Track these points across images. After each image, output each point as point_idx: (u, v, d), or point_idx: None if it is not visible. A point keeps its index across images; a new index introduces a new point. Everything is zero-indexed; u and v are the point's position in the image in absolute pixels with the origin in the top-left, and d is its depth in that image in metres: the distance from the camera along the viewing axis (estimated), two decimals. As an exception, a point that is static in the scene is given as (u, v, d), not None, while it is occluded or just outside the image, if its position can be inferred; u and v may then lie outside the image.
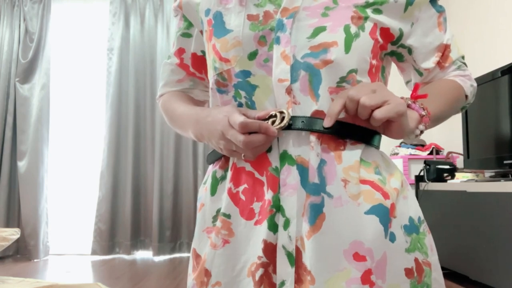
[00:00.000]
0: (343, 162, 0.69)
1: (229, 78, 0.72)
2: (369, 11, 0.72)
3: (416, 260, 0.69)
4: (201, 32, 0.83)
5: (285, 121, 0.66)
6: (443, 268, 3.02)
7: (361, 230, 0.66)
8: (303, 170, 0.68)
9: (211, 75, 0.76)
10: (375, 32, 0.73)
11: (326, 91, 0.69)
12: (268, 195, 0.69)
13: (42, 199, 4.22)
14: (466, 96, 0.82)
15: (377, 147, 0.74)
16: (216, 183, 0.76)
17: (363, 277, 0.65)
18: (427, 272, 0.70)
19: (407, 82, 0.87)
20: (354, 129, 0.70)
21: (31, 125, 4.25)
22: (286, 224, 0.67)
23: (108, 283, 3.02)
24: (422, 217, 0.73)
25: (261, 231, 0.68)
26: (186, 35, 0.86)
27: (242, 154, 0.68)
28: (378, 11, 0.73)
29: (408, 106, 0.70)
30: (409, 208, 0.72)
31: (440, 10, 0.79)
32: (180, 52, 0.88)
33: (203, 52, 0.85)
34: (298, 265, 0.67)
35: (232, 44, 0.71)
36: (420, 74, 0.82)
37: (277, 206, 0.68)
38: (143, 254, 4.25)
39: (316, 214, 0.67)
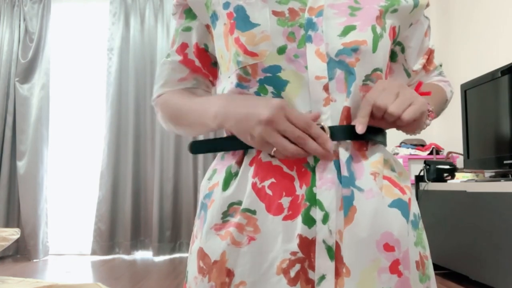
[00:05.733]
0: (369, 159, 0.71)
1: (254, 73, 0.71)
2: (389, 12, 0.75)
3: (419, 253, 0.72)
4: (207, 26, 0.80)
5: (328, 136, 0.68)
6: (443, 268, 3.03)
7: (389, 221, 0.68)
8: (337, 165, 0.69)
9: (232, 70, 0.73)
10: (391, 33, 0.76)
11: (357, 88, 0.70)
12: (301, 189, 0.68)
13: (42, 199, 4.22)
14: (446, 100, 0.88)
15: (385, 145, 0.78)
16: (230, 178, 0.73)
17: (391, 266, 0.66)
18: (427, 264, 0.73)
19: None
20: (374, 131, 0.72)
21: (31, 125, 4.25)
22: (326, 218, 0.66)
23: (108, 283, 3.02)
24: (419, 214, 0.77)
25: (295, 226, 0.67)
26: (187, 29, 0.82)
27: (274, 149, 0.67)
28: (395, 11, 0.76)
29: None
30: (413, 204, 0.74)
31: (428, 18, 0.85)
32: (183, 47, 0.83)
33: (206, 45, 0.82)
34: (336, 259, 0.67)
35: (261, 38, 0.70)
36: (408, 75, 0.87)
37: (311, 200, 0.68)
38: (143, 254, 4.25)
39: (347, 206, 0.68)
